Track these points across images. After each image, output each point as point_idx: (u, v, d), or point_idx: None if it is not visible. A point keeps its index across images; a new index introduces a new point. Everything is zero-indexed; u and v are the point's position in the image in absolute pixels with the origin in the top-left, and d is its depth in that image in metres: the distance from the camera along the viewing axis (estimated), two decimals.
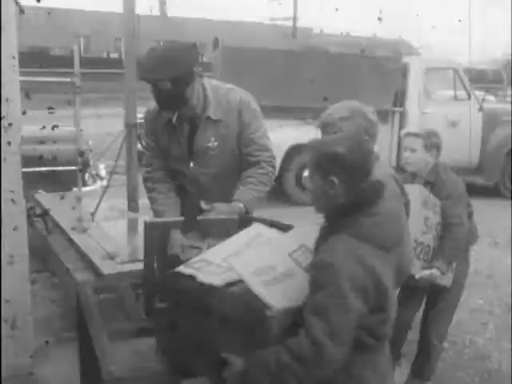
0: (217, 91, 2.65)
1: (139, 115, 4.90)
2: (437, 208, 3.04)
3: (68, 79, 6.26)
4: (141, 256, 3.93)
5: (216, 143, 2.63)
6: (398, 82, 8.04)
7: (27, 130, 5.25)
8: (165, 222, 2.31)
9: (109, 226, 4.81)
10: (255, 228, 2.18)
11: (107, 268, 3.86)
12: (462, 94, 8.36)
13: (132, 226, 5.09)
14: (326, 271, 1.66)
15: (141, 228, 4.70)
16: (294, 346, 1.63)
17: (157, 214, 2.71)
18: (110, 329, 2.21)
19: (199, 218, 2.35)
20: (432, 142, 3.17)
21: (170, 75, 2.43)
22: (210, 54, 8.59)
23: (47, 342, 3.50)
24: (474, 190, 4.79)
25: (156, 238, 2.29)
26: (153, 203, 2.75)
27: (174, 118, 2.61)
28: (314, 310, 1.65)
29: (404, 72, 8.12)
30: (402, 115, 8.18)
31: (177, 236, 2.47)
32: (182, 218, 2.32)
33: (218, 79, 7.98)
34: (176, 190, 2.80)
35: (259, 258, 1.89)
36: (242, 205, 2.56)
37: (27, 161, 3.80)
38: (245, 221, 2.41)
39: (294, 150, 7.87)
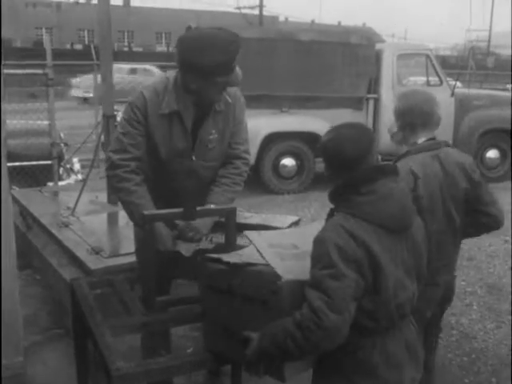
0: None
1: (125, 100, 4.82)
2: None
3: (40, 71, 6.12)
4: (126, 249, 3.93)
5: (216, 135, 2.58)
6: (372, 69, 8.08)
7: None
8: (165, 213, 2.27)
9: (90, 220, 4.74)
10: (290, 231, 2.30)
11: (94, 263, 3.80)
12: (434, 79, 8.45)
13: (113, 220, 5.03)
14: (319, 245, 1.74)
15: (122, 221, 4.68)
16: (297, 316, 1.69)
17: (134, 206, 2.51)
18: (111, 324, 2.17)
19: (199, 208, 2.31)
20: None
21: (232, 69, 2.39)
22: None
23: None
24: None
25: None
26: (128, 195, 2.51)
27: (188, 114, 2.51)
28: (311, 283, 1.72)
29: (377, 58, 8.16)
30: (377, 102, 8.23)
31: (163, 231, 2.46)
32: (181, 209, 2.29)
33: None
34: (156, 185, 2.66)
35: (282, 236, 1.97)
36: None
37: None
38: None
39: (270, 139, 7.87)
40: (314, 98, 7.94)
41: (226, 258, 1.95)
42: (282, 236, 2.03)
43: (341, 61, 7.90)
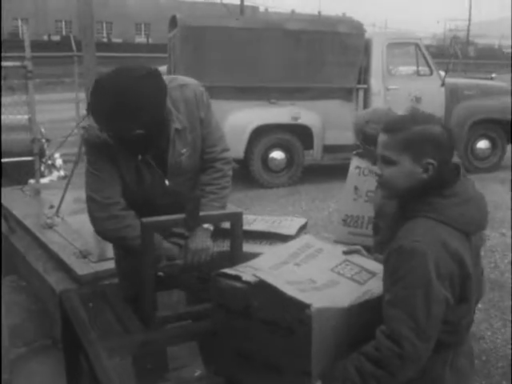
0: (171, 94, 2.24)
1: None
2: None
3: (18, 63, 5.82)
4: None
5: (188, 152, 2.32)
6: (362, 59, 7.90)
7: None
8: (164, 220, 2.06)
9: (76, 220, 4.50)
10: (305, 238, 2.09)
11: (81, 268, 3.59)
12: (424, 69, 8.29)
13: None
14: (407, 258, 1.52)
15: None
16: (372, 351, 1.50)
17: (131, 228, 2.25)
18: (108, 345, 1.96)
19: (202, 213, 2.11)
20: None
21: (147, 121, 2.03)
22: (167, 34, 8.19)
23: None
24: None
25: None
26: (134, 231, 2.21)
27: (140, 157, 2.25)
28: (394, 302, 1.51)
29: (366, 48, 7.97)
30: (366, 92, 8.06)
31: (165, 245, 2.26)
32: (183, 216, 2.08)
33: (176, 61, 7.69)
34: None
35: (296, 273, 1.79)
36: (207, 225, 2.27)
37: None
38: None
39: (259, 132, 7.66)
40: (303, 89, 7.74)
41: (237, 272, 1.75)
42: (296, 270, 1.83)
43: (330, 50, 7.70)
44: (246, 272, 1.78)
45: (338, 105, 7.90)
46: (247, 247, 2.25)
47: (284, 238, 2.33)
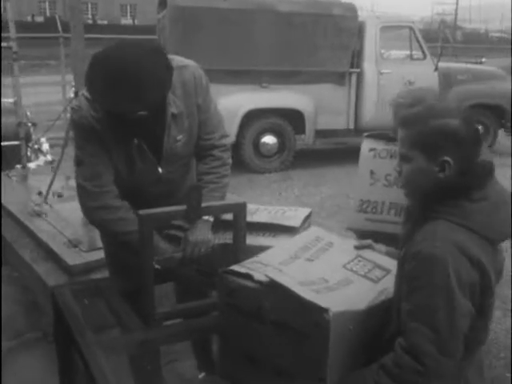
0: None
1: None
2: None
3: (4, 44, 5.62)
4: None
5: (184, 139, 2.19)
6: (355, 42, 7.76)
7: None
8: (164, 212, 1.94)
9: (65, 208, 4.36)
10: (315, 231, 2.02)
11: (72, 258, 3.47)
12: (417, 53, 8.18)
13: None
14: (427, 265, 1.41)
15: None
16: (392, 367, 1.40)
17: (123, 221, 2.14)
18: (105, 344, 1.85)
19: (204, 204, 1.99)
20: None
21: (152, 103, 1.89)
22: (155, 15, 7.98)
23: None
24: None
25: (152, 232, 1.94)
26: (127, 225, 2.11)
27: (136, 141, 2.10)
28: (413, 313, 1.41)
29: (360, 31, 7.83)
30: (359, 76, 7.93)
31: (162, 245, 2.13)
32: (184, 207, 1.96)
33: (166, 43, 7.49)
34: None
35: (307, 271, 1.69)
36: (207, 216, 2.15)
37: None
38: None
39: (250, 116, 7.51)
40: (295, 73, 7.58)
41: (247, 269, 1.65)
42: (307, 268, 1.73)
43: (323, 33, 7.54)
44: (256, 269, 1.68)
45: (330, 89, 7.77)
46: (250, 239, 2.14)
47: (288, 230, 2.23)
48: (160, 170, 2.21)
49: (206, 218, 2.14)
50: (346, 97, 7.90)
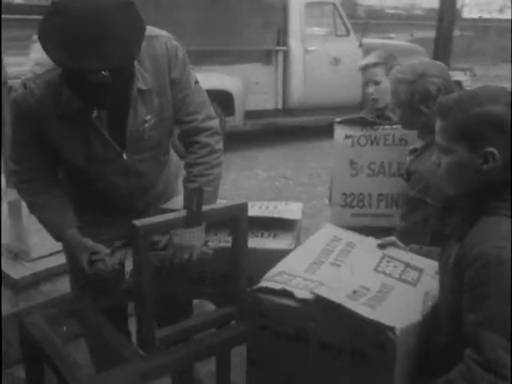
0: None
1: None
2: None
3: None
4: (50, 247, 3.20)
5: (153, 120, 1.89)
6: (280, 19, 7.58)
7: None
8: (162, 221, 1.66)
9: None
10: (330, 230, 1.82)
11: (16, 270, 3.08)
12: (341, 30, 8.14)
13: (18, 210, 4.17)
14: (495, 269, 1.26)
15: (25, 211, 3.85)
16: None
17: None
18: (103, 380, 1.57)
19: (205, 208, 1.73)
20: (393, 66, 2.72)
21: (116, 62, 1.58)
22: None
23: None
24: None
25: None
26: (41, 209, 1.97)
27: (95, 114, 1.80)
28: (486, 323, 1.25)
29: (284, 8, 7.65)
30: (286, 54, 7.77)
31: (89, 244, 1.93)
32: (183, 212, 1.69)
33: None
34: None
35: (339, 278, 1.51)
36: None
37: None
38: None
39: None
40: (222, 53, 7.30)
41: (281, 284, 1.42)
42: (338, 274, 1.55)
43: (247, 10, 7.29)
44: (287, 282, 1.46)
45: (257, 68, 7.57)
46: (250, 242, 1.91)
47: (288, 225, 2.03)
48: (124, 156, 1.91)
49: None
50: (274, 76, 7.73)
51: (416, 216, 2.12)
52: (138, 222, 1.61)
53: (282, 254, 1.89)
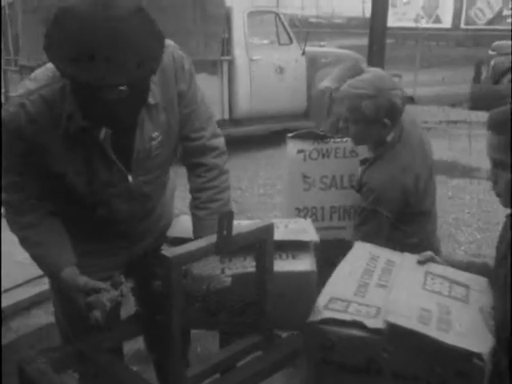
0: None
1: None
2: None
3: None
4: (22, 275, 2.94)
5: (160, 137, 1.72)
6: (225, 29, 7.47)
7: None
8: (194, 250, 1.50)
9: None
10: (364, 248, 1.74)
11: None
12: (284, 38, 8.13)
13: None
14: None
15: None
16: None
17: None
18: None
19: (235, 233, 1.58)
20: None
21: (138, 76, 1.42)
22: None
23: None
24: None
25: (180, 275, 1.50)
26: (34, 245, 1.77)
27: (103, 134, 1.62)
28: None
29: (227, 17, 7.55)
30: (231, 64, 7.67)
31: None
32: (213, 239, 1.54)
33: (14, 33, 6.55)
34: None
35: (403, 304, 1.40)
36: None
37: None
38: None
39: None
40: None
41: (347, 314, 1.31)
42: (389, 297, 1.44)
43: (191, 21, 7.14)
44: (345, 309, 1.35)
45: (203, 79, 7.36)
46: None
47: (304, 245, 1.92)
48: (130, 178, 1.74)
49: None
50: (219, 86, 7.62)
51: (368, 226, 2.15)
52: (167, 253, 1.44)
53: (305, 277, 1.79)
